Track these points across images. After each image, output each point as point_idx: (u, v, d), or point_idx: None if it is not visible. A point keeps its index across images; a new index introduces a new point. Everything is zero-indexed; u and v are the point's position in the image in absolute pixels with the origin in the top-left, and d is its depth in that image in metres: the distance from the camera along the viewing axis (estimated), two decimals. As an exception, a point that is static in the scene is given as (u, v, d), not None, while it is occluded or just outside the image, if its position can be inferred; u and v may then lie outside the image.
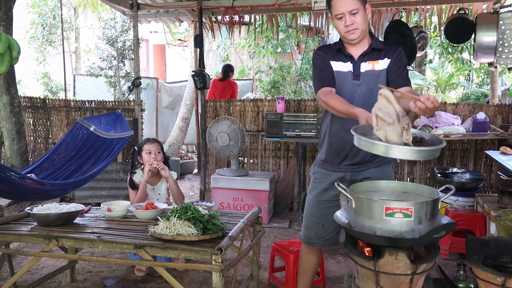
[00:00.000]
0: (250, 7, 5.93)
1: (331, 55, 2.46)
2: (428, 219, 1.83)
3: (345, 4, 2.28)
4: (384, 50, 2.38)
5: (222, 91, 7.00)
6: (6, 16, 5.00)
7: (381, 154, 1.88)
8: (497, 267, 2.01)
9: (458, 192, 4.14)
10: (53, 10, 11.50)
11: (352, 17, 2.29)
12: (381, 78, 2.37)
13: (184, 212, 2.52)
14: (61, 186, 3.80)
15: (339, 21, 2.32)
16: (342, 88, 2.41)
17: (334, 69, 2.45)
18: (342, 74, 2.42)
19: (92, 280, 3.38)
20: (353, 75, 2.39)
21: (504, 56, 4.68)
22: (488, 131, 4.58)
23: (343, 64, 2.42)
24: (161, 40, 12.61)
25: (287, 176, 5.40)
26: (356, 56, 2.40)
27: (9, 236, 2.72)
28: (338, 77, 2.43)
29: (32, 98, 6.18)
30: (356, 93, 2.38)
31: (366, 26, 2.34)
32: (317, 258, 2.65)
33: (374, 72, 2.37)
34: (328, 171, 2.52)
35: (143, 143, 3.65)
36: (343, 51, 2.42)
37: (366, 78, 2.38)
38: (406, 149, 1.83)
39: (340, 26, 2.34)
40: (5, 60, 3.63)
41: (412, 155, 1.85)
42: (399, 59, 2.37)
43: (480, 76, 11.86)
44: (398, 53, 2.38)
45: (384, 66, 2.38)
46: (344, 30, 2.32)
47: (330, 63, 2.44)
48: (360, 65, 2.39)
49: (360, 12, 2.29)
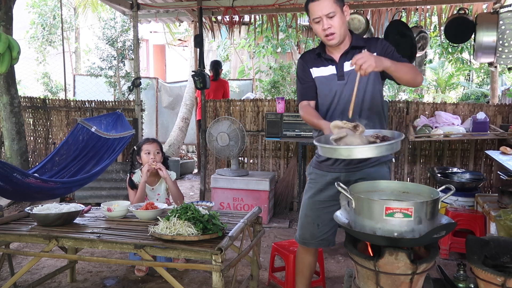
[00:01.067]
0: (250, 7, 5.93)
1: (312, 62, 2.49)
2: (428, 219, 1.83)
3: (321, 7, 2.29)
4: (365, 47, 2.34)
5: (215, 91, 6.84)
6: (6, 16, 5.00)
7: (345, 157, 2.06)
8: (497, 267, 2.01)
9: (458, 192, 4.14)
10: (53, 10, 11.51)
11: (330, 20, 2.29)
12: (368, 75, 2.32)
13: (184, 212, 2.52)
14: (65, 184, 3.81)
15: (317, 25, 2.33)
16: (327, 90, 2.44)
17: (316, 75, 2.48)
18: (325, 78, 2.45)
19: (92, 280, 3.38)
20: (337, 76, 2.41)
21: (504, 56, 4.68)
22: (488, 131, 4.58)
23: (325, 69, 2.44)
24: (161, 40, 12.62)
25: (287, 176, 5.40)
26: (338, 57, 2.42)
27: (9, 236, 2.72)
28: (321, 82, 2.47)
29: (32, 98, 6.18)
30: (342, 93, 2.40)
31: (344, 28, 2.35)
32: (313, 258, 2.64)
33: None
34: (323, 172, 2.52)
35: (142, 143, 3.66)
36: (322, 56, 2.44)
37: (350, 77, 2.38)
38: (365, 147, 1.98)
39: (318, 30, 2.35)
40: (5, 60, 3.64)
41: (372, 152, 1.99)
42: (384, 49, 2.37)
43: (480, 76, 11.87)
44: (379, 45, 2.38)
45: None
46: (323, 34, 2.33)
47: (311, 71, 2.48)
48: (343, 65, 2.40)
49: (337, 15, 2.29)
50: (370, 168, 2.46)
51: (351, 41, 2.41)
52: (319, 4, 2.29)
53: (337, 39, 2.33)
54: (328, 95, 2.45)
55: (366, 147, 1.98)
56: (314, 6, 2.32)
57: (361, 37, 2.49)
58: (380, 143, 2.01)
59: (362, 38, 2.47)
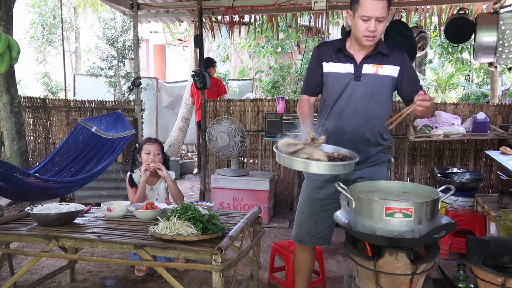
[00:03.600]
0: (250, 7, 5.93)
1: (328, 56, 2.44)
2: (428, 219, 1.84)
3: (377, 8, 2.20)
4: (389, 56, 2.37)
5: (209, 90, 6.48)
6: (6, 16, 5.00)
7: (301, 169, 2.12)
8: (497, 267, 2.01)
9: (458, 192, 4.14)
10: (53, 10, 11.51)
11: (377, 24, 2.23)
12: (384, 84, 2.38)
13: (184, 212, 2.52)
14: (65, 184, 3.82)
15: (363, 22, 2.23)
16: (340, 88, 2.41)
17: (329, 70, 2.43)
18: (340, 75, 2.41)
19: (92, 280, 3.38)
20: (354, 75, 2.38)
21: (504, 56, 4.68)
22: (488, 131, 4.58)
23: (343, 66, 2.41)
24: (161, 40, 12.61)
25: (287, 176, 5.40)
26: (359, 57, 2.38)
27: (9, 236, 2.71)
28: (334, 78, 2.43)
29: (32, 98, 6.18)
30: (355, 94, 2.39)
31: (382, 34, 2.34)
32: (310, 258, 2.64)
33: (377, 76, 2.37)
34: None
35: (143, 142, 3.66)
36: (343, 51, 2.40)
37: (367, 80, 2.37)
38: (323, 164, 2.02)
39: (361, 28, 2.26)
40: (5, 60, 3.63)
41: (329, 169, 2.03)
42: (408, 66, 2.40)
43: (480, 76, 11.87)
44: (405, 60, 2.39)
45: (389, 73, 2.38)
46: (363, 34, 2.26)
47: (323, 65, 2.44)
48: (363, 66, 2.37)
49: (385, 21, 2.26)
50: (369, 167, 2.47)
51: (375, 45, 2.36)
52: (376, 4, 2.20)
53: (374, 42, 2.31)
54: (338, 92, 2.42)
55: (323, 164, 2.01)
56: (369, 3, 2.20)
57: (386, 42, 2.45)
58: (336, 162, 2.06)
59: (385, 44, 2.41)
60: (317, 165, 2.01)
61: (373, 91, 2.37)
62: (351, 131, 2.41)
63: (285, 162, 2.09)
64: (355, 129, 2.40)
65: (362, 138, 2.42)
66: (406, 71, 2.40)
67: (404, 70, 2.39)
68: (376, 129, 2.42)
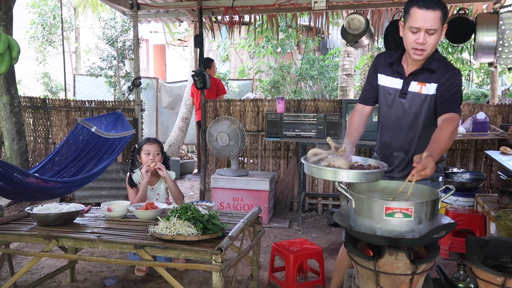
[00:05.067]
0: (250, 7, 5.93)
1: (383, 67, 2.36)
2: (428, 219, 1.84)
3: (427, 19, 2.05)
4: (436, 72, 2.20)
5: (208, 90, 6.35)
6: (6, 16, 5.00)
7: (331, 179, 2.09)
8: (497, 267, 2.01)
9: (458, 192, 4.14)
10: (53, 10, 11.51)
11: (427, 36, 2.09)
12: (427, 103, 2.24)
13: (184, 212, 2.52)
14: (65, 184, 3.82)
15: (412, 34, 2.11)
16: (387, 103, 2.36)
17: (381, 83, 2.36)
18: (389, 90, 2.34)
19: (92, 280, 3.38)
20: (400, 92, 2.28)
21: (504, 56, 4.68)
22: (488, 131, 4.58)
23: (392, 80, 2.32)
24: (161, 40, 12.61)
25: (287, 176, 5.40)
26: (407, 73, 2.27)
27: (9, 236, 2.71)
28: (384, 92, 2.36)
29: (32, 98, 6.18)
30: (399, 111, 2.31)
31: (435, 48, 2.16)
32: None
33: (420, 95, 2.25)
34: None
35: (143, 142, 3.65)
36: (394, 67, 2.30)
37: (411, 98, 2.27)
38: (352, 172, 2.00)
39: (409, 39, 2.13)
40: (5, 60, 3.64)
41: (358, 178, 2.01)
42: (447, 84, 2.18)
43: (480, 76, 11.87)
44: (446, 78, 2.18)
45: (431, 91, 2.22)
46: (411, 46, 2.13)
47: (378, 76, 2.37)
48: (410, 83, 2.26)
49: (437, 33, 2.10)
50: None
51: (427, 59, 2.21)
52: (426, 15, 2.04)
53: (424, 56, 2.15)
54: (385, 107, 2.37)
55: (353, 172, 2.00)
56: (418, 14, 2.06)
57: (438, 56, 2.24)
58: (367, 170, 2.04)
59: (437, 60, 2.22)
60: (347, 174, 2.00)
61: (417, 110, 2.26)
62: (397, 148, 2.34)
63: (308, 171, 2.11)
64: (400, 147, 2.33)
65: (407, 157, 2.29)
66: (443, 87, 2.18)
67: (442, 87, 2.18)
68: (420, 150, 2.11)
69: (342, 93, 8.67)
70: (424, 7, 2.05)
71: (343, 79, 8.71)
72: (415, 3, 2.08)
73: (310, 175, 2.19)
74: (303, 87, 10.16)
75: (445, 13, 2.10)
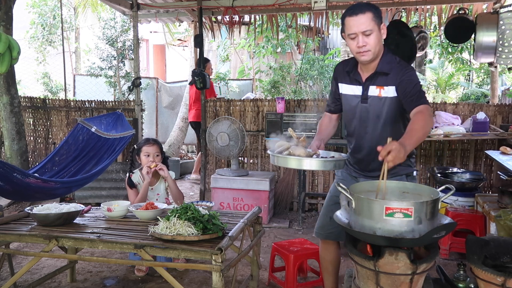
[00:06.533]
0: (250, 7, 5.93)
1: (342, 76, 2.48)
2: (428, 219, 1.84)
3: (358, 24, 2.20)
4: (389, 74, 2.29)
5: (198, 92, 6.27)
6: (6, 16, 5.00)
7: (295, 167, 2.41)
8: (497, 267, 2.01)
9: (458, 192, 4.14)
10: (53, 10, 11.51)
11: (365, 38, 2.21)
12: (388, 105, 2.33)
13: (184, 212, 2.52)
14: (65, 184, 3.81)
15: (352, 40, 2.25)
16: (350, 110, 2.47)
17: (343, 92, 2.49)
18: (350, 97, 2.45)
19: (92, 280, 3.38)
20: (361, 98, 2.38)
21: (504, 56, 4.68)
22: (488, 131, 4.59)
23: (352, 88, 2.43)
24: (161, 40, 12.61)
25: (287, 176, 5.40)
26: (364, 79, 2.37)
27: (9, 236, 2.71)
28: (346, 100, 2.49)
29: (32, 98, 6.18)
30: (363, 116, 2.40)
31: (379, 47, 2.27)
32: (333, 255, 2.67)
33: (379, 98, 2.34)
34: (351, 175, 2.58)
35: (142, 144, 3.64)
36: (350, 75, 2.41)
37: (372, 102, 2.36)
38: (314, 160, 2.26)
39: (352, 46, 2.27)
40: (5, 60, 3.64)
41: (319, 166, 2.31)
42: (404, 83, 2.26)
43: (480, 76, 11.88)
44: (400, 77, 2.27)
45: (390, 94, 2.31)
46: (356, 51, 2.26)
47: (339, 85, 2.50)
48: (369, 88, 2.36)
49: (374, 33, 2.22)
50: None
51: (378, 63, 2.32)
52: (357, 20, 2.20)
53: (370, 56, 2.26)
54: (350, 115, 2.48)
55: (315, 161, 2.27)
56: (350, 21, 2.22)
57: (389, 58, 2.34)
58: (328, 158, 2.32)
59: (389, 63, 2.32)
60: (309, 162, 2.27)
61: (379, 113, 2.35)
62: (366, 151, 2.45)
63: (273, 161, 2.37)
64: (370, 149, 2.40)
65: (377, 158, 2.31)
66: (401, 88, 2.26)
67: (400, 87, 2.27)
68: None
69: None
70: (354, 13, 2.22)
71: (343, 79, 8.68)
72: (346, 13, 2.26)
73: (276, 164, 2.43)
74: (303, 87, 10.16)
75: (376, 13, 2.23)
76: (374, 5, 2.26)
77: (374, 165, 2.38)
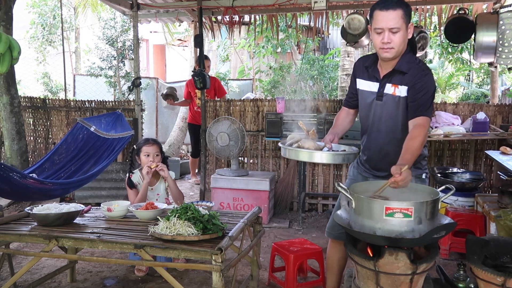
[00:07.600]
0: (250, 7, 5.93)
1: (360, 72, 2.47)
2: (428, 219, 1.84)
3: (387, 20, 2.17)
4: (406, 74, 2.27)
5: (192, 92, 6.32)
6: (6, 16, 5.00)
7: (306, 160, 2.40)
8: (497, 267, 2.01)
9: (458, 192, 4.14)
10: (53, 10, 11.51)
11: (391, 35, 2.19)
12: (401, 105, 2.31)
13: (184, 212, 2.52)
14: (63, 185, 3.81)
15: (377, 35, 2.22)
16: (366, 107, 2.45)
17: (360, 87, 2.47)
18: (366, 94, 2.43)
19: (92, 280, 3.38)
20: (377, 95, 2.37)
21: (504, 56, 4.68)
22: (488, 131, 4.58)
23: (369, 84, 2.41)
24: (161, 40, 12.62)
25: (287, 176, 5.40)
26: (382, 75, 2.35)
27: (9, 236, 2.72)
28: (362, 96, 2.47)
29: (32, 98, 6.18)
30: (377, 114, 2.39)
31: (403, 46, 2.25)
32: (339, 255, 2.65)
33: (394, 97, 2.32)
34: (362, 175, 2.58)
35: (142, 144, 3.64)
36: (369, 70, 2.39)
37: (387, 100, 2.34)
38: (325, 154, 2.27)
39: (376, 41, 2.24)
40: (6, 60, 3.64)
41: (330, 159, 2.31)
42: (417, 86, 2.24)
43: (480, 76, 11.88)
44: (416, 80, 2.24)
45: (403, 93, 2.30)
46: (379, 46, 2.24)
47: (357, 80, 2.48)
48: (385, 85, 2.34)
49: (401, 31, 2.19)
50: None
51: (398, 61, 2.29)
52: (386, 16, 2.17)
53: (392, 54, 2.23)
54: (365, 111, 2.46)
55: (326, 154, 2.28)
56: (379, 16, 2.19)
57: (409, 58, 2.31)
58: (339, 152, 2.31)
59: (408, 61, 2.29)
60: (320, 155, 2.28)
61: (393, 112, 2.33)
62: (377, 150, 2.44)
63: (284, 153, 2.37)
64: (380, 148, 2.41)
65: (386, 158, 2.37)
66: (413, 91, 2.25)
67: (412, 90, 2.25)
68: (399, 150, 2.20)
69: (342, 93, 8.67)
70: (385, 8, 2.18)
71: (343, 79, 8.71)
72: (377, 6, 2.21)
73: (287, 157, 2.46)
74: (303, 87, 10.16)
75: (407, 12, 2.20)
76: (406, 3, 2.22)
77: (382, 164, 2.38)
